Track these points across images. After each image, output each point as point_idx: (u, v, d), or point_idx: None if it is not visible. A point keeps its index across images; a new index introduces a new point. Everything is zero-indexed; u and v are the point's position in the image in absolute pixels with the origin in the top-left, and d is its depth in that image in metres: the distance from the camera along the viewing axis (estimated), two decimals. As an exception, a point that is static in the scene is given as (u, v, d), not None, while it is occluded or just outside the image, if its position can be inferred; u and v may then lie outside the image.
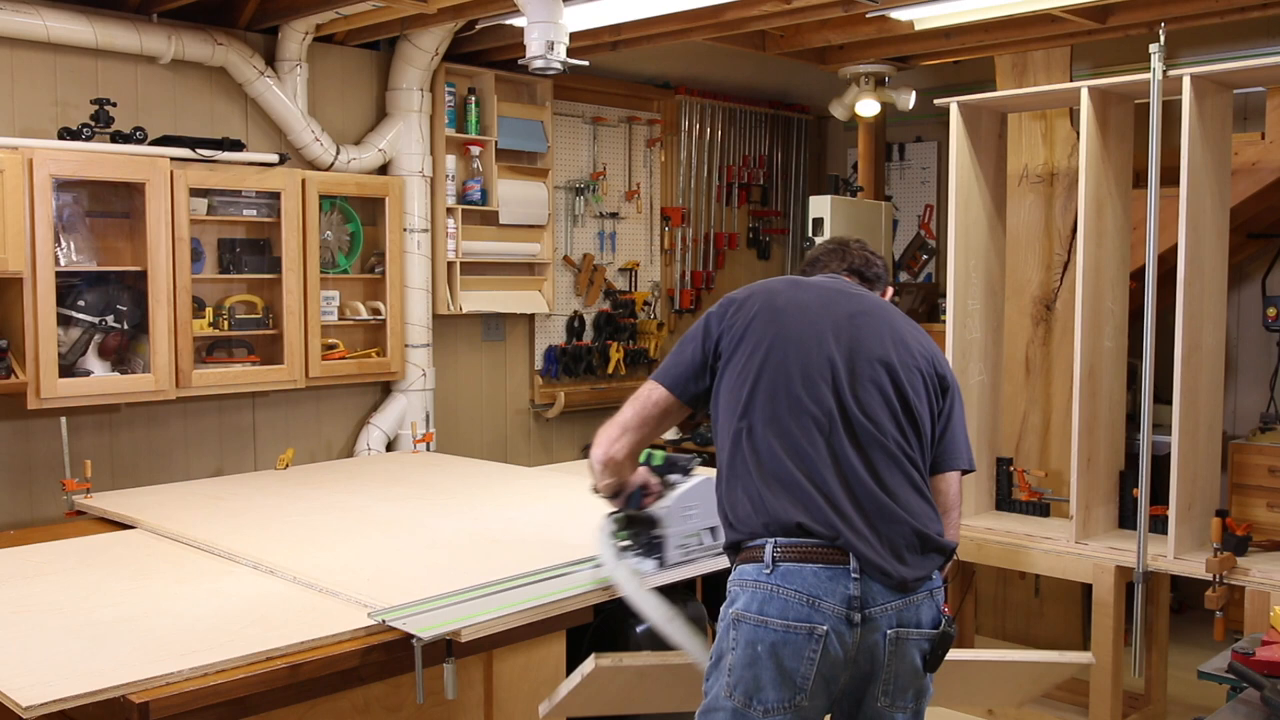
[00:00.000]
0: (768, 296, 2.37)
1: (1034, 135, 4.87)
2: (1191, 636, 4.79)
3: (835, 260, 2.60)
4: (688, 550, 2.83)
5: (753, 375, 2.26)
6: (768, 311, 2.32)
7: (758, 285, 2.42)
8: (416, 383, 5.10)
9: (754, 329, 2.31)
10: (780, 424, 2.21)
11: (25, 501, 4.15)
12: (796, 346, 2.27)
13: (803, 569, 2.11)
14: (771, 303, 2.34)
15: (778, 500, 2.16)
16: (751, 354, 2.28)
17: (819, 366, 2.25)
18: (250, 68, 4.55)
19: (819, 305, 2.35)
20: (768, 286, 2.41)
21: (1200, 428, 3.87)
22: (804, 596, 2.10)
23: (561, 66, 3.48)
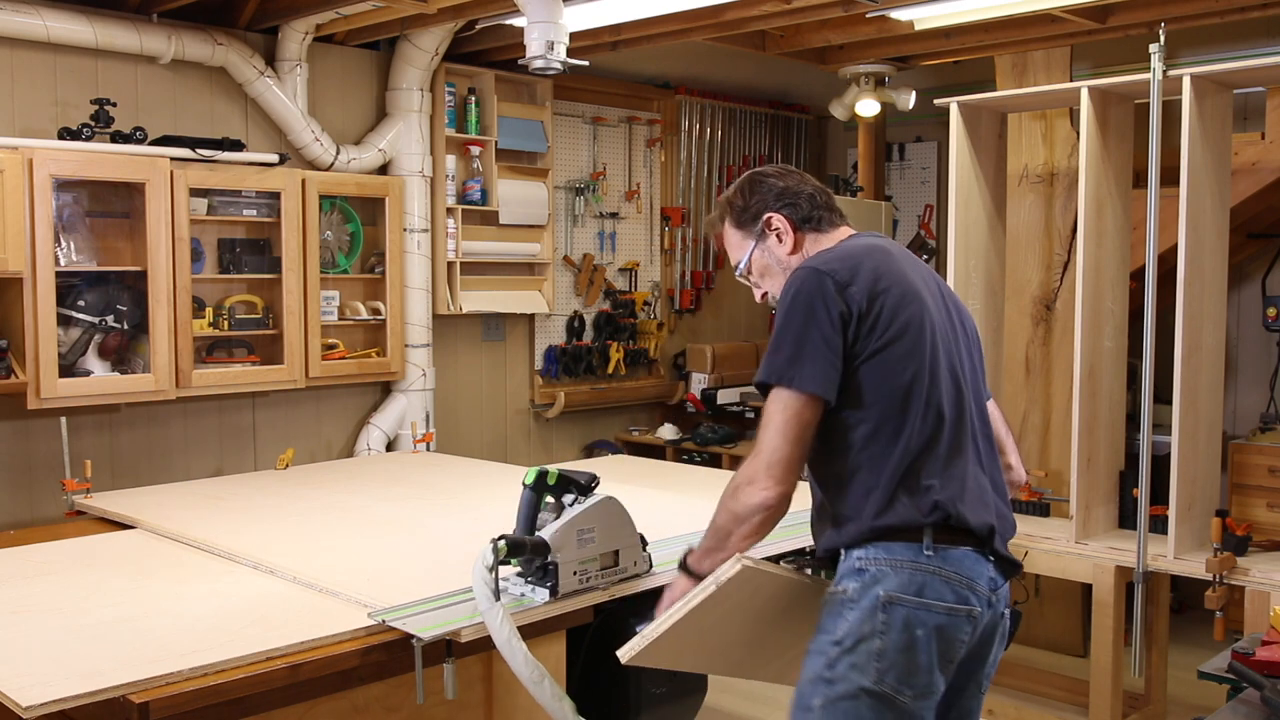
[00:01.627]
0: (892, 273, 2.12)
1: (1034, 135, 4.86)
2: (1191, 636, 4.79)
3: (835, 212, 2.33)
4: (585, 577, 2.60)
5: (910, 365, 2.07)
6: (900, 289, 2.10)
7: (859, 255, 2.14)
8: (416, 383, 5.10)
9: (896, 311, 2.08)
10: (932, 412, 2.08)
11: (25, 501, 4.15)
12: (938, 329, 2.14)
13: (958, 551, 2.05)
14: (901, 280, 2.12)
15: (932, 488, 2.05)
16: (901, 339, 2.06)
17: (951, 348, 2.17)
18: (250, 68, 4.55)
19: (920, 278, 2.19)
20: (873, 259, 2.14)
21: (1200, 428, 3.87)
22: (962, 579, 2.04)
23: (561, 66, 3.48)
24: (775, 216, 2.26)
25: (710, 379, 6.22)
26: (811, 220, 2.28)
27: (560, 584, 2.55)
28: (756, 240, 2.29)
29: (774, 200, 2.27)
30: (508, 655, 2.27)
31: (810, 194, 2.28)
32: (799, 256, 2.24)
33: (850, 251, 2.15)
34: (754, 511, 2.06)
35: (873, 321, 2.05)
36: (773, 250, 2.28)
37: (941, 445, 2.07)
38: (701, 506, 3.57)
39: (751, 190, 2.30)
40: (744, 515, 2.07)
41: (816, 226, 2.27)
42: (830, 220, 2.28)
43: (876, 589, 2.02)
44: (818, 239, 2.26)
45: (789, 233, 2.26)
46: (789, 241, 2.26)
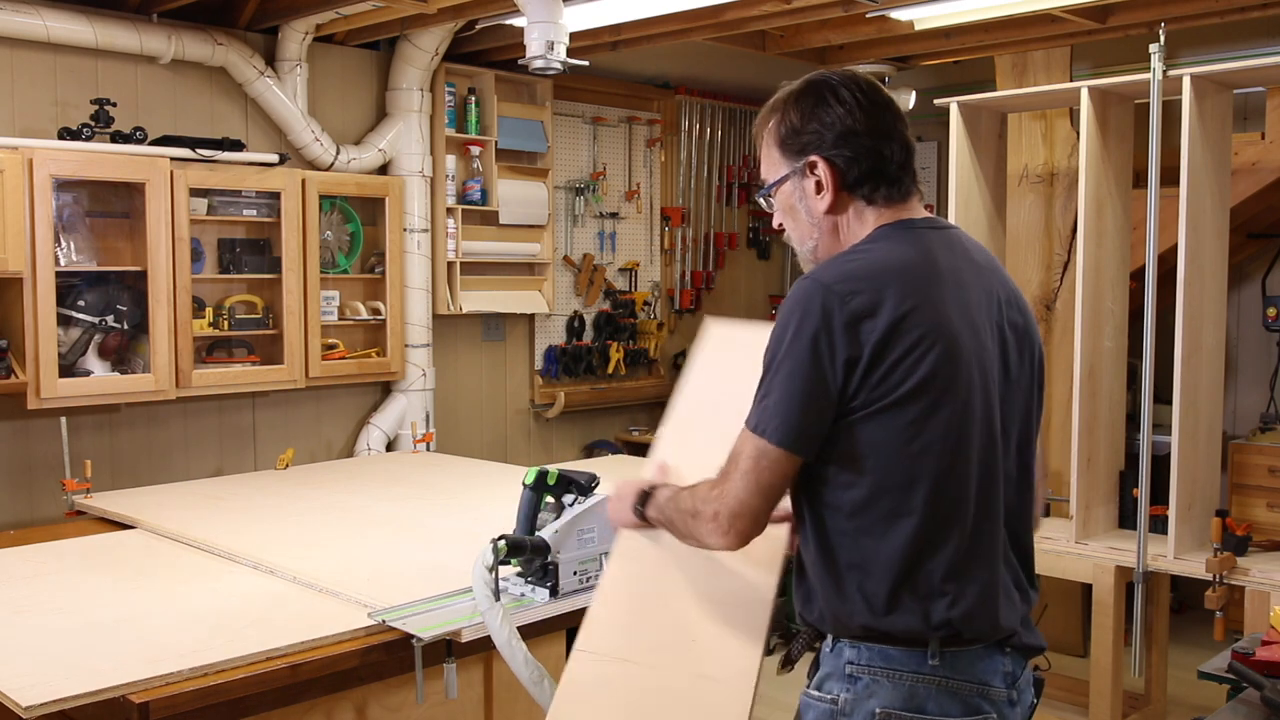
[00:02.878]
0: (930, 303, 1.67)
1: (1034, 135, 4.86)
2: (1191, 636, 4.79)
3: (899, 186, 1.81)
4: (585, 577, 2.59)
5: (927, 431, 1.66)
6: (934, 328, 1.66)
7: (893, 272, 1.68)
8: (416, 383, 5.10)
9: (921, 359, 1.64)
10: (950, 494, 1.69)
11: (25, 501, 4.15)
12: (978, 385, 1.71)
13: (969, 653, 1.70)
14: (939, 313, 1.67)
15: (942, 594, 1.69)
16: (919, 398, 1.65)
17: (996, 404, 1.74)
18: (250, 68, 4.55)
19: (974, 304, 1.74)
20: (911, 280, 1.68)
21: (1200, 428, 3.87)
22: (974, 686, 1.70)
23: (561, 66, 3.48)
24: (822, 163, 1.76)
25: (710, 379, 6.21)
26: (865, 186, 1.77)
27: (560, 584, 2.55)
28: (792, 175, 1.80)
29: (831, 141, 1.75)
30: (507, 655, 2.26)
31: (879, 148, 1.76)
32: (835, 220, 1.80)
33: (884, 264, 1.69)
34: (703, 544, 1.81)
35: (887, 369, 1.63)
36: (807, 196, 1.80)
37: (959, 538, 1.68)
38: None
39: (812, 112, 1.77)
40: (700, 542, 1.80)
41: (870, 196, 1.77)
42: (890, 195, 1.78)
43: (871, 703, 1.70)
44: (864, 213, 1.78)
45: (831, 191, 1.77)
46: (828, 199, 1.78)
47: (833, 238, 1.81)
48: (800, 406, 1.65)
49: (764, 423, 1.68)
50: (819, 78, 1.80)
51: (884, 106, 1.78)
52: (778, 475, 1.69)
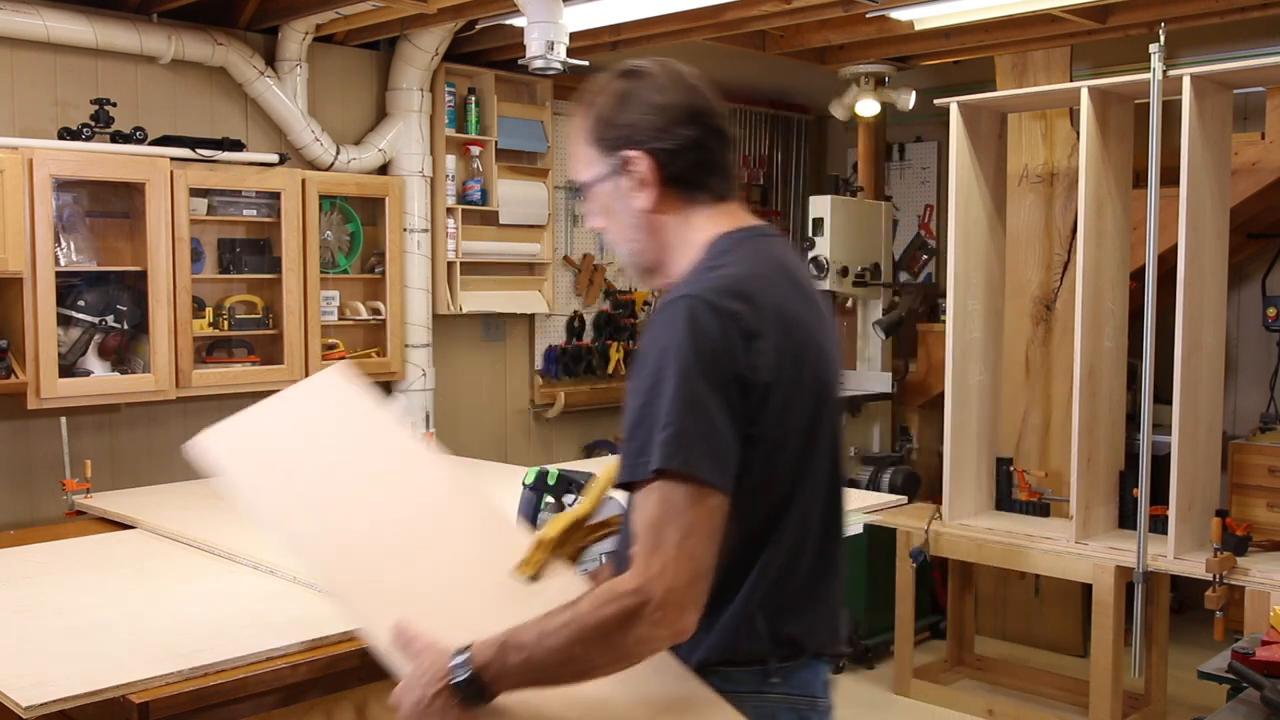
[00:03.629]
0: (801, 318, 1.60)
1: (1034, 135, 4.87)
2: (1191, 636, 4.80)
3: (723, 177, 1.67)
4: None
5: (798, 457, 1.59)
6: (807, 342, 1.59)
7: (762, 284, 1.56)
8: (416, 383, 5.10)
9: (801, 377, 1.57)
10: (810, 518, 1.63)
11: (25, 501, 4.15)
12: (832, 398, 1.66)
13: (802, 667, 1.67)
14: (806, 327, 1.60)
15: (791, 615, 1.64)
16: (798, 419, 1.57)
17: (836, 417, 1.69)
18: (250, 68, 4.55)
19: (818, 314, 1.67)
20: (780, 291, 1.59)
21: (1200, 428, 3.87)
22: (805, 699, 1.67)
23: (561, 66, 3.48)
24: (640, 158, 1.61)
25: (710, 379, 6.21)
26: (688, 182, 1.63)
27: None
28: (610, 172, 1.66)
29: (645, 133, 1.61)
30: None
31: (701, 139, 1.62)
32: (659, 219, 1.64)
33: (749, 275, 1.55)
34: (654, 645, 1.45)
35: (778, 391, 1.51)
36: (626, 197, 1.65)
37: (812, 555, 1.63)
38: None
39: (626, 104, 1.64)
40: (636, 651, 1.44)
41: (693, 192, 1.63)
42: (717, 190, 1.65)
43: None
44: (690, 212, 1.64)
45: (652, 186, 1.62)
46: (649, 196, 1.63)
47: (657, 238, 1.66)
48: (719, 431, 1.45)
49: (688, 459, 1.43)
50: (630, 67, 1.67)
51: (700, 94, 1.64)
52: (719, 525, 1.46)
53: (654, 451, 1.43)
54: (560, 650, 1.43)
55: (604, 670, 1.45)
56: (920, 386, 5.51)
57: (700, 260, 1.59)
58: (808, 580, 1.64)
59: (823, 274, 5.23)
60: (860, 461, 5.36)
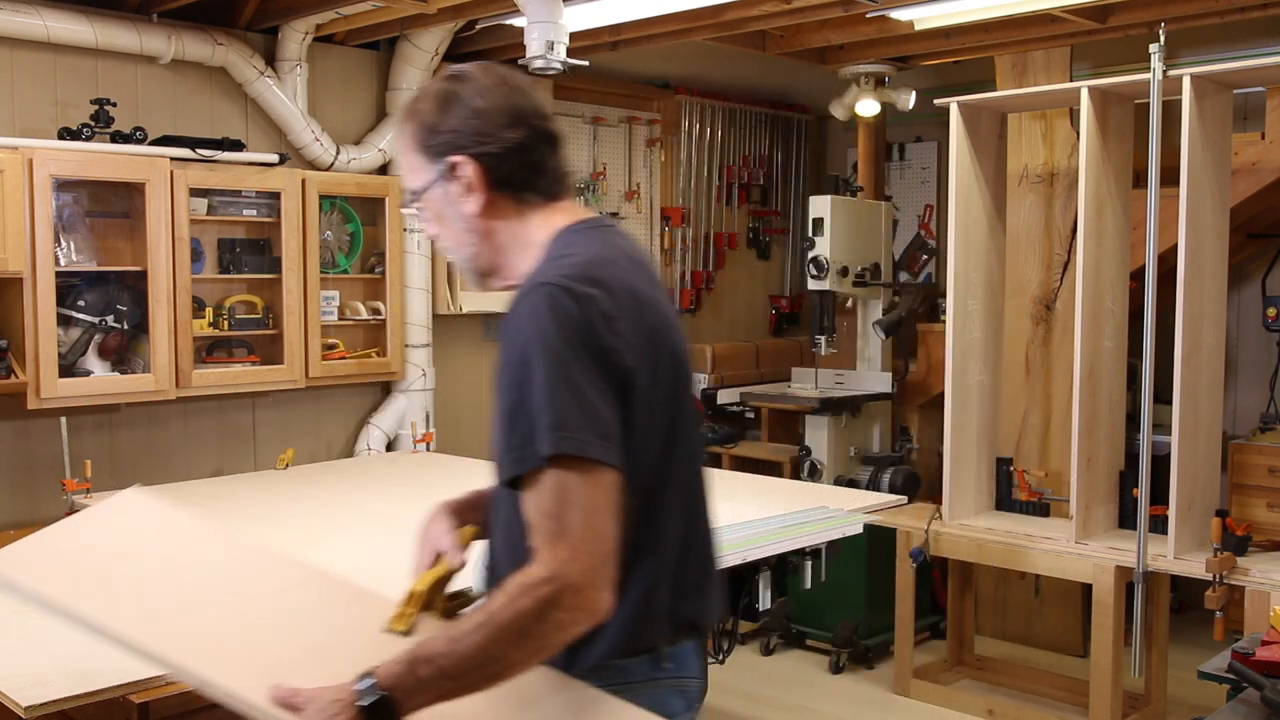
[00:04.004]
0: (652, 299, 1.61)
1: (1034, 135, 4.87)
2: (1191, 636, 4.80)
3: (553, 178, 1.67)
4: None
5: (668, 432, 1.59)
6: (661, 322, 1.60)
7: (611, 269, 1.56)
8: (416, 383, 5.10)
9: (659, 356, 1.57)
10: (689, 495, 1.66)
11: (25, 501, 4.15)
12: (685, 372, 1.66)
13: (687, 649, 1.67)
14: (659, 308, 1.62)
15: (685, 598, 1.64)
16: (663, 396, 1.57)
17: (690, 395, 1.69)
18: (250, 68, 4.55)
19: (665, 305, 1.66)
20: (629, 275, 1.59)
21: (1200, 428, 3.87)
22: (689, 680, 1.68)
23: (561, 66, 3.48)
24: (465, 163, 1.60)
25: (710, 379, 6.22)
26: (516, 184, 1.63)
27: None
28: (438, 179, 1.63)
29: (470, 138, 1.60)
30: None
31: (525, 142, 1.61)
32: (491, 223, 1.64)
33: (596, 260, 1.56)
34: (574, 629, 1.43)
35: (641, 371, 1.52)
36: (455, 203, 1.63)
37: (701, 537, 1.67)
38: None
39: (449, 109, 1.61)
40: (555, 640, 1.43)
41: (523, 193, 1.63)
42: (547, 190, 1.65)
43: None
44: (522, 213, 1.64)
45: (480, 190, 1.61)
46: (478, 201, 1.62)
47: (490, 242, 1.65)
48: (599, 411, 1.45)
49: (581, 441, 1.43)
50: (452, 72, 1.65)
51: (524, 95, 1.63)
52: (618, 505, 1.46)
53: (540, 439, 1.42)
54: (476, 653, 1.40)
55: (522, 666, 1.44)
56: (920, 386, 5.51)
57: (546, 254, 1.59)
58: (698, 559, 1.66)
59: (823, 274, 5.23)
60: (860, 461, 5.36)
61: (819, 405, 5.30)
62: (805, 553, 3.37)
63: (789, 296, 7.10)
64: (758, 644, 5.06)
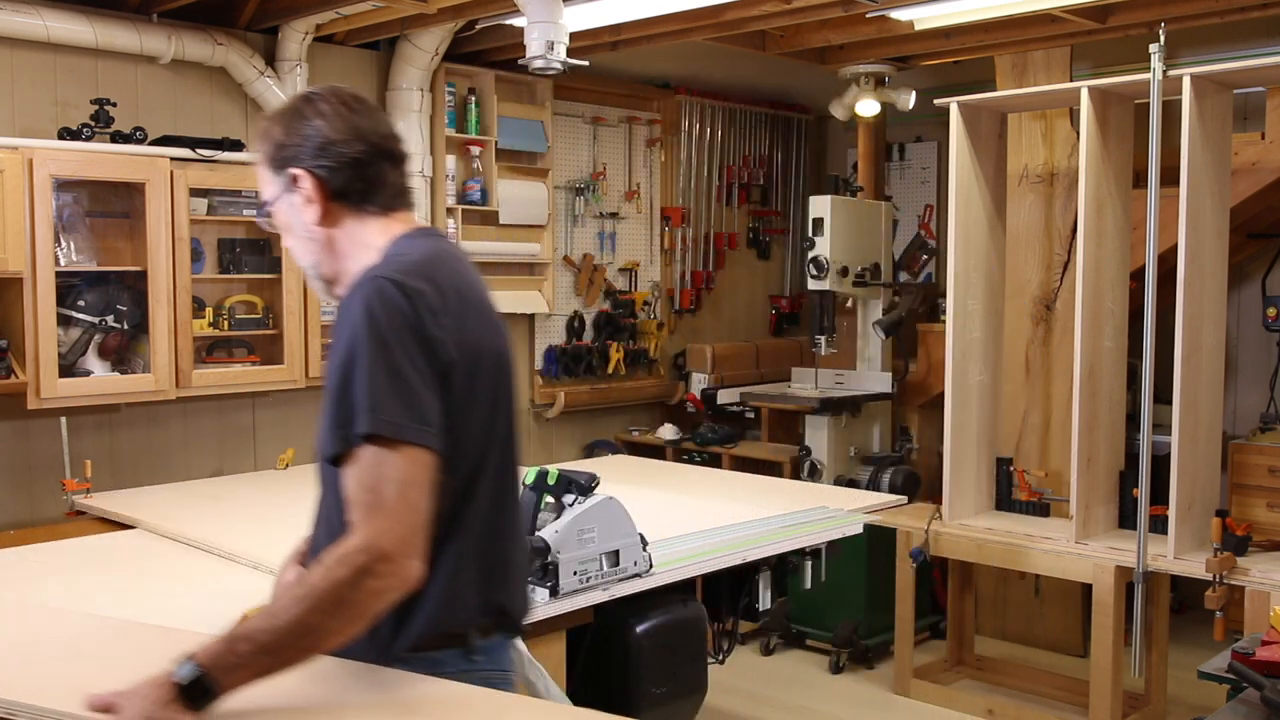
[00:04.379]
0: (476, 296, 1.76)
1: (1034, 135, 4.87)
2: (1191, 636, 4.79)
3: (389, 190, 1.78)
4: (585, 577, 2.61)
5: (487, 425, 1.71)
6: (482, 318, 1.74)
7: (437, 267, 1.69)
8: (416, 383, 5.09)
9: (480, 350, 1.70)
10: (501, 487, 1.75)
11: (25, 501, 4.15)
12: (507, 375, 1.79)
13: (498, 641, 1.76)
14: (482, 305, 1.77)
15: (492, 584, 1.72)
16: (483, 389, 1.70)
17: (510, 394, 1.81)
18: (250, 68, 4.55)
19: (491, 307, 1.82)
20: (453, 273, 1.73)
21: (1200, 428, 3.87)
22: (499, 673, 1.76)
23: (561, 66, 3.48)
24: (304, 176, 1.73)
25: (710, 379, 6.22)
26: (353, 195, 1.74)
27: (560, 584, 2.56)
28: (283, 191, 1.76)
29: (310, 153, 1.73)
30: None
31: (361, 158, 1.73)
32: (331, 233, 1.76)
33: (428, 260, 1.68)
34: (388, 596, 1.52)
35: (461, 366, 1.63)
36: (298, 211, 1.75)
37: (505, 527, 1.75)
38: (701, 506, 3.58)
39: (292, 126, 1.75)
40: (369, 608, 1.50)
41: (360, 205, 1.75)
42: (385, 203, 1.77)
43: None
44: (360, 223, 1.76)
45: (318, 202, 1.73)
46: (316, 211, 1.74)
47: (331, 251, 1.77)
48: (420, 396, 1.56)
49: (399, 425, 1.53)
50: (301, 94, 1.81)
51: (365, 116, 1.76)
52: (431, 484, 1.56)
53: (359, 419, 1.53)
54: (294, 625, 1.47)
55: (339, 636, 1.50)
56: (920, 386, 5.51)
57: (383, 255, 1.71)
58: (507, 551, 1.76)
59: (823, 274, 5.23)
60: (860, 461, 5.36)
61: (819, 405, 5.30)
62: (805, 553, 3.37)
63: (789, 296, 7.11)
64: (758, 644, 5.06)
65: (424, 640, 1.66)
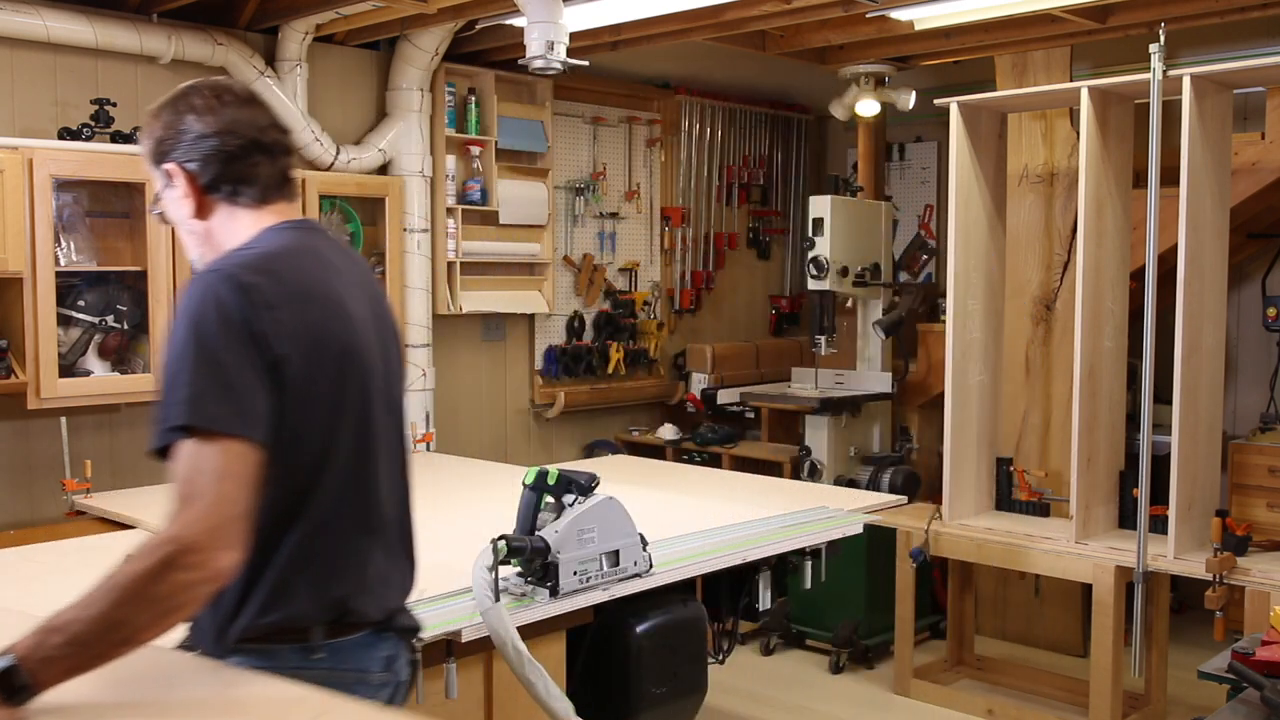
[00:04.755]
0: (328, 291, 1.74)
1: (1034, 135, 4.87)
2: (1191, 636, 4.79)
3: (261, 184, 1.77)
4: (585, 577, 2.61)
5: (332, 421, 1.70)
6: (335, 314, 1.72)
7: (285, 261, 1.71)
8: (416, 383, 5.10)
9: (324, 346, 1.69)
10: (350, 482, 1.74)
11: (25, 501, 4.15)
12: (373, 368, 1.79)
13: (351, 641, 1.74)
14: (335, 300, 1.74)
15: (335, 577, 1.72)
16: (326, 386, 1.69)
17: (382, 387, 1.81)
18: (250, 68, 4.54)
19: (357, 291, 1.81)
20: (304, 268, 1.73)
21: (1200, 428, 3.87)
22: (352, 673, 1.74)
23: (561, 66, 3.48)
24: (176, 170, 1.75)
25: (710, 379, 6.22)
26: (224, 188, 1.75)
27: (560, 584, 2.55)
28: (164, 185, 1.79)
29: (183, 148, 1.74)
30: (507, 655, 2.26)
31: (232, 151, 1.74)
32: (207, 225, 1.78)
33: (275, 253, 1.70)
34: (197, 589, 1.49)
35: (296, 359, 1.63)
36: (177, 204, 1.77)
37: (354, 522, 1.73)
38: (701, 506, 3.58)
39: (169, 121, 1.76)
40: (178, 601, 1.48)
41: (232, 197, 1.76)
42: (258, 196, 1.77)
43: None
44: (233, 214, 1.76)
45: (191, 195, 1.75)
46: (191, 204, 1.76)
47: (210, 241, 1.78)
48: (242, 390, 1.56)
49: (217, 416, 1.53)
50: (181, 87, 1.81)
51: (240, 108, 1.76)
52: (252, 477, 1.55)
53: (179, 413, 1.54)
54: (102, 617, 1.45)
55: (150, 630, 1.47)
56: (920, 386, 5.51)
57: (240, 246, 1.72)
58: (364, 550, 1.73)
59: (823, 274, 5.23)
60: (860, 461, 5.36)
61: (819, 405, 5.30)
62: (805, 553, 3.37)
63: (789, 296, 7.11)
64: (758, 644, 5.06)
65: (254, 631, 1.65)
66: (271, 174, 1.77)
